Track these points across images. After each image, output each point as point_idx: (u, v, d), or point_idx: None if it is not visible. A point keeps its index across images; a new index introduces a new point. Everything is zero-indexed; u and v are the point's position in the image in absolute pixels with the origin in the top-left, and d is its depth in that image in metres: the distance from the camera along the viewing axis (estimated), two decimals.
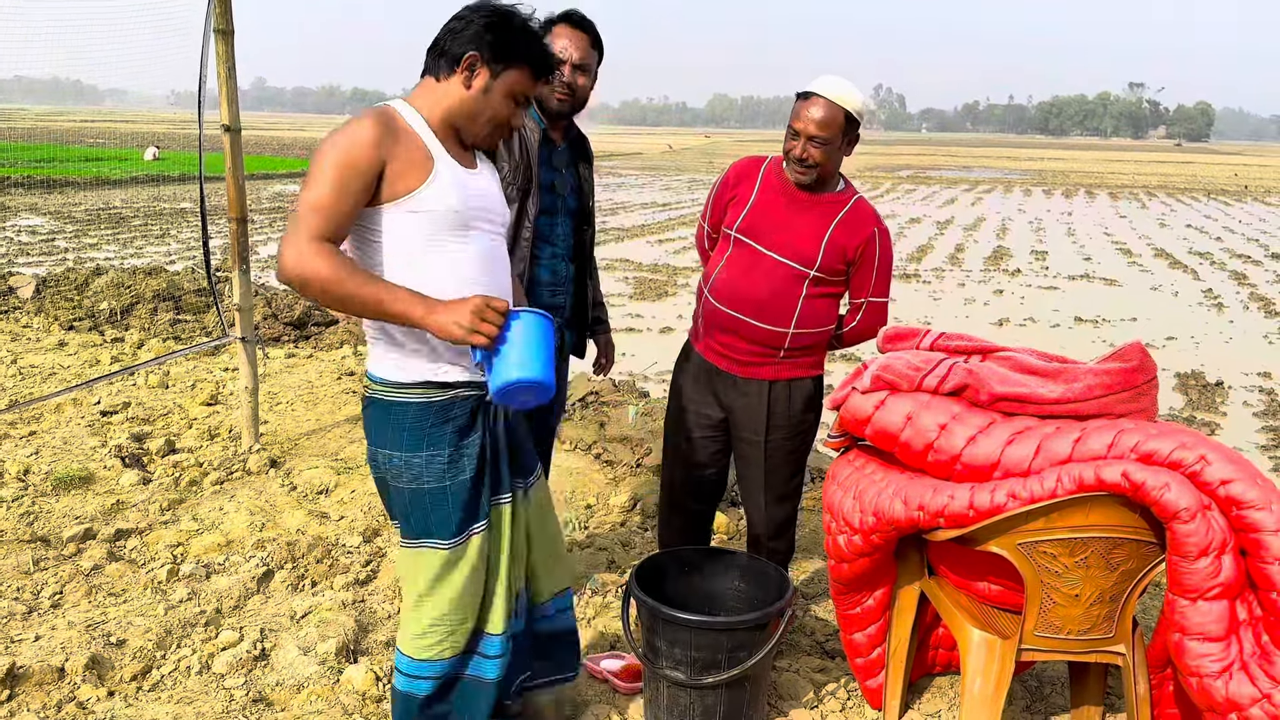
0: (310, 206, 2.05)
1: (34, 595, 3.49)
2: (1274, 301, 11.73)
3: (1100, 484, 2.21)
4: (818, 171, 2.88)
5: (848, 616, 2.86)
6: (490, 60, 2.19)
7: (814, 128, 2.81)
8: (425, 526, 2.29)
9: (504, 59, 2.20)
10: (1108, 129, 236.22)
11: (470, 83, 2.20)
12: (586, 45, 2.95)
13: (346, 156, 2.06)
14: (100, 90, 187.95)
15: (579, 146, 3.22)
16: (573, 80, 2.96)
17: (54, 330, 7.46)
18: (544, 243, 3.08)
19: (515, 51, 2.21)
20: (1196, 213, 24.64)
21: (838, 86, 2.83)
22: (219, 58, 4.50)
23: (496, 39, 2.18)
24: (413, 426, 2.24)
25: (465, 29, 2.18)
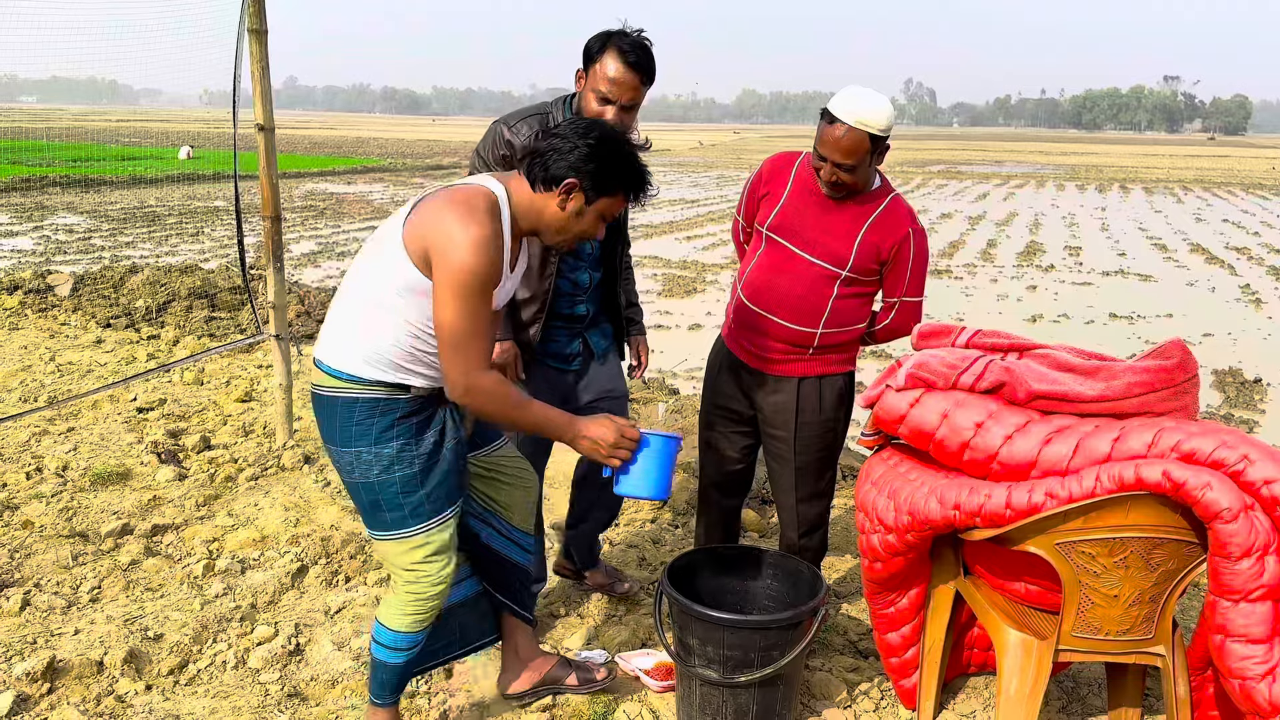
0: (469, 334, 2.21)
1: (73, 590, 3.54)
2: None
3: (1140, 483, 2.18)
4: (848, 189, 2.86)
5: (882, 616, 2.84)
6: (588, 188, 2.28)
7: (839, 155, 2.76)
8: (399, 516, 2.39)
9: (602, 189, 2.29)
10: (1142, 123, 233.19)
11: (565, 205, 2.30)
12: (638, 83, 2.87)
13: (486, 283, 2.20)
14: (135, 90, 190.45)
15: None
16: (618, 120, 2.90)
17: (91, 328, 7.56)
18: (568, 254, 3.08)
19: (614, 183, 2.30)
20: (1234, 207, 24.28)
21: (859, 108, 2.71)
22: (253, 57, 4.53)
23: (598, 169, 2.26)
24: (381, 416, 2.33)
25: (569, 152, 2.26)
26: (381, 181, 26.79)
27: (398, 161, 34.48)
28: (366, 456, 2.34)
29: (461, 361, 2.21)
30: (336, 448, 2.38)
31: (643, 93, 2.92)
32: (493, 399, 2.27)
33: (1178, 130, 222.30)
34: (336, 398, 2.34)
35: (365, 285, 2.32)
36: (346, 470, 2.39)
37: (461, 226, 2.16)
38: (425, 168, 32.72)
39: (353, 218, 17.71)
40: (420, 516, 2.40)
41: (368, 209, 19.37)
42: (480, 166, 3.01)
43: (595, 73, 2.88)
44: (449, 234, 2.16)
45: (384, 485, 2.36)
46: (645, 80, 2.89)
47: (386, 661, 2.55)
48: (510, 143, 2.95)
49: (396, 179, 27.97)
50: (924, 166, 40.55)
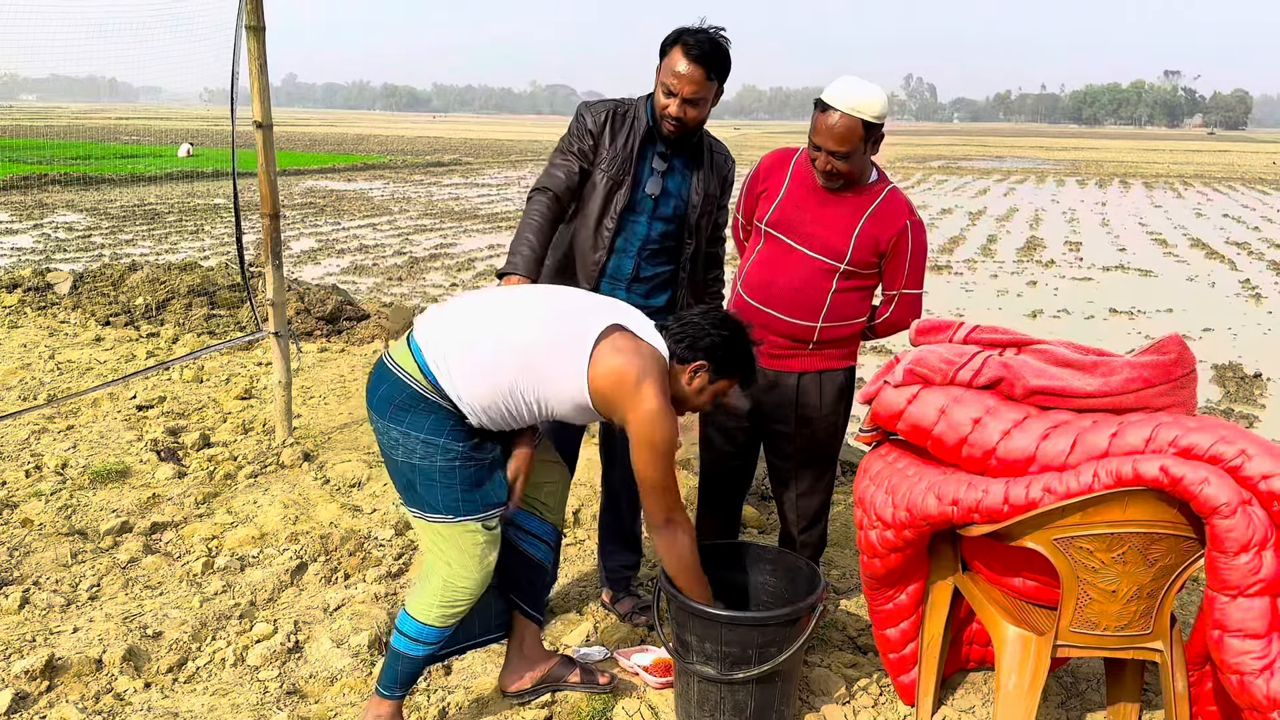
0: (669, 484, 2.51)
1: (72, 588, 3.54)
2: None
3: (1138, 478, 2.18)
4: (844, 179, 2.86)
5: (880, 612, 2.84)
6: (713, 371, 2.56)
7: (833, 143, 2.77)
8: (434, 501, 2.47)
9: (724, 374, 2.58)
10: (1142, 118, 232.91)
11: (692, 381, 2.56)
12: (702, 77, 2.90)
13: (674, 446, 2.46)
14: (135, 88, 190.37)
15: (698, 156, 3.16)
16: (681, 114, 2.95)
17: (90, 325, 7.56)
18: (620, 237, 3.12)
19: (734, 370, 2.59)
20: (1234, 202, 24.25)
21: (853, 95, 2.75)
22: (250, 54, 4.53)
23: (724, 357, 2.56)
24: (439, 416, 2.43)
25: (706, 340, 2.55)
26: (382, 179, 26.79)
27: (398, 159, 34.47)
28: (413, 440, 2.43)
29: (665, 503, 2.51)
30: (385, 421, 2.45)
31: (710, 88, 2.94)
32: (683, 547, 2.57)
33: (1178, 125, 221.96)
34: (410, 386, 2.42)
35: (522, 347, 2.42)
36: (390, 446, 2.47)
37: (656, 400, 2.40)
38: (426, 165, 32.70)
39: (353, 215, 17.71)
40: (455, 510, 2.47)
41: (368, 206, 19.36)
42: (565, 157, 3.11)
43: (664, 67, 2.96)
44: (645, 404, 2.39)
45: (424, 471, 2.44)
46: (711, 75, 2.91)
47: (406, 653, 2.59)
48: (590, 131, 3.07)
49: (397, 176, 27.97)
50: (924, 162, 40.50)
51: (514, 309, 2.50)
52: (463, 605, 2.57)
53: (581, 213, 3.15)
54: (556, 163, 3.14)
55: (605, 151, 3.07)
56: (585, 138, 3.09)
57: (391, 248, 13.71)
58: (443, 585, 2.54)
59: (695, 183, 3.12)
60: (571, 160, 3.11)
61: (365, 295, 9.86)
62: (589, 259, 3.12)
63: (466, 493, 2.46)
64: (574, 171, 3.10)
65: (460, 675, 3.08)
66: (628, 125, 3.07)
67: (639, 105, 3.11)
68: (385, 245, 13.93)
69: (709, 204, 3.16)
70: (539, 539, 2.81)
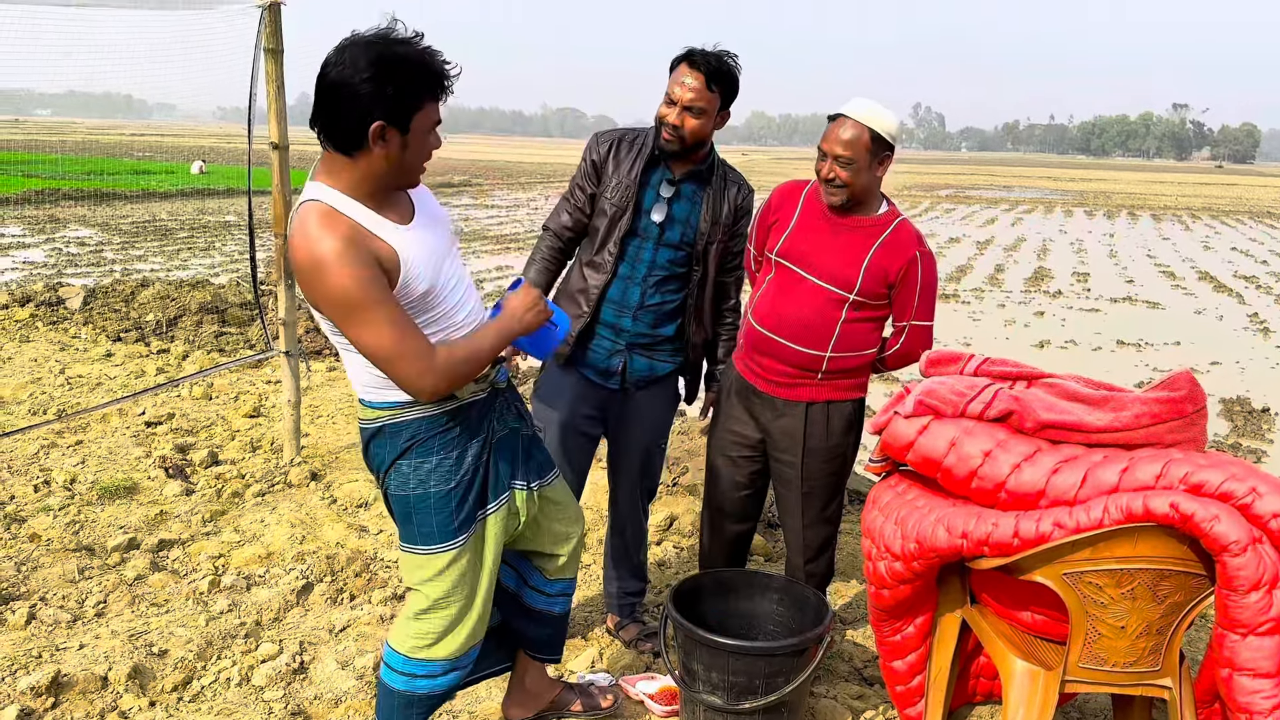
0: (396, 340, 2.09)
1: (79, 604, 3.54)
2: None
3: (1148, 514, 2.18)
4: (847, 192, 2.87)
5: (887, 643, 2.83)
6: (397, 121, 2.07)
7: (839, 147, 2.81)
8: (429, 530, 2.37)
9: (410, 110, 2.08)
10: (1150, 150, 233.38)
11: (387, 151, 2.10)
12: (701, 86, 2.92)
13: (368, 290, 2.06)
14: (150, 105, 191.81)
15: (709, 183, 3.15)
16: (680, 122, 2.96)
17: (101, 341, 7.59)
18: (624, 263, 3.13)
19: (417, 96, 2.08)
20: (1242, 235, 24.26)
21: (864, 107, 2.83)
22: (268, 77, 4.57)
23: (395, 92, 2.03)
24: (424, 435, 2.32)
25: (355, 96, 2.02)
26: None
27: None
28: (405, 470, 2.34)
29: (410, 369, 2.12)
30: (379, 472, 2.38)
31: (710, 99, 2.96)
32: (460, 372, 2.19)
33: (1186, 158, 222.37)
34: (381, 426, 2.33)
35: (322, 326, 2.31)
36: (386, 485, 2.39)
37: (307, 257, 2.05)
38: (436, 185, 32.85)
39: None
40: (448, 534, 2.37)
41: None
42: (572, 197, 3.18)
43: (669, 81, 3.01)
44: (303, 271, 2.07)
45: (419, 500, 2.34)
46: (711, 85, 2.94)
47: (386, 684, 2.50)
48: (594, 163, 3.12)
49: None
50: (932, 191, 40.60)
51: None
52: (445, 632, 2.45)
53: (588, 240, 3.18)
54: (562, 202, 3.22)
55: (610, 179, 3.10)
56: (589, 175, 3.14)
57: None
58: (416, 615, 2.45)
59: (704, 210, 3.14)
60: (575, 200, 3.17)
61: None
62: (591, 283, 3.13)
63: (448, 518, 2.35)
64: (575, 210, 3.17)
65: (464, 700, 3.07)
66: (634, 152, 3.10)
67: (648, 133, 3.14)
68: None
69: (718, 232, 3.17)
70: (541, 593, 2.71)
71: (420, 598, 2.44)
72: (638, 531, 3.45)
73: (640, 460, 3.34)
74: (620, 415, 3.27)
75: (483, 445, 2.40)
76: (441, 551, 2.38)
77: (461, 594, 2.43)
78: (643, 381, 3.23)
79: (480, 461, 2.39)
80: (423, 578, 2.42)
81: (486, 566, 2.47)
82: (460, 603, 2.43)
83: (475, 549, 2.44)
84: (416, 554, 2.41)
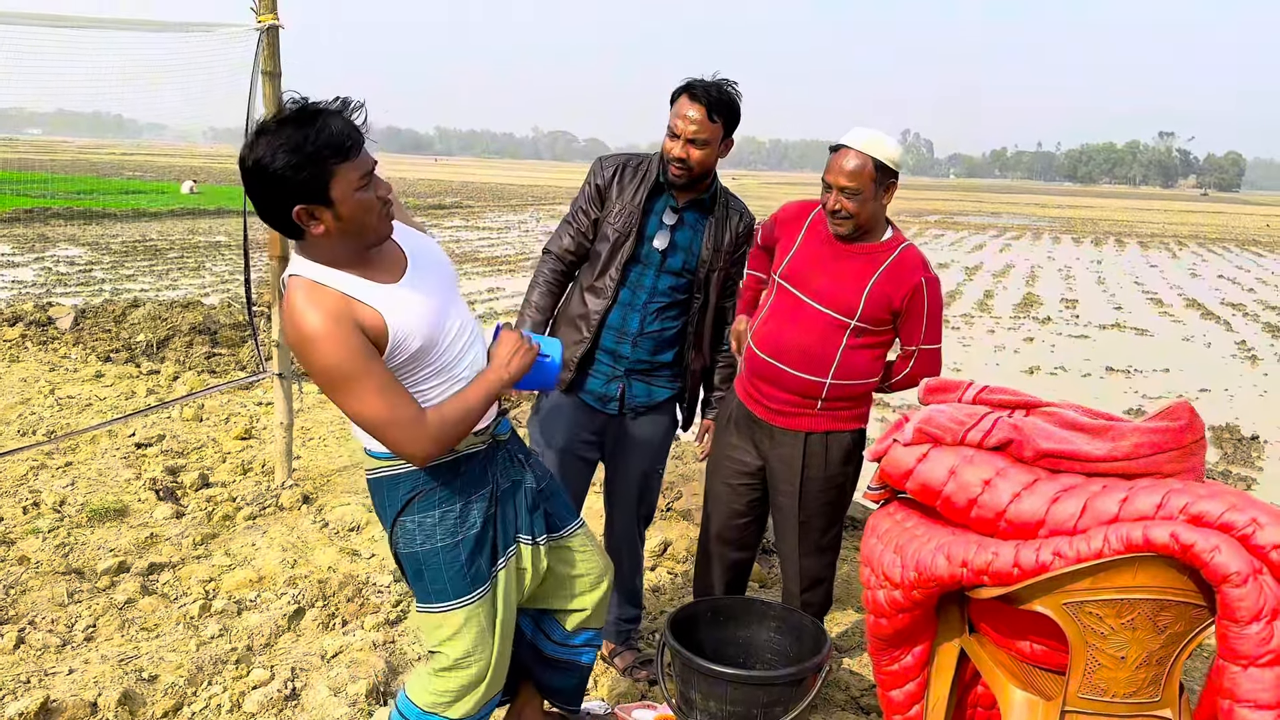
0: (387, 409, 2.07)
1: (68, 628, 3.51)
2: None
3: (1149, 544, 2.17)
4: (853, 223, 2.88)
5: (885, 673, 2.81)
6: (313, 198, 1.99)
7: (843, 179, 2.82)
8: (441, 586, 2.33)
9: (321, 185, 1.98)
10: (1137, 177, 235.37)
11: (324, 226, 2.04)
12: (703, 118, 2.93)
13: (356, 363, 2.04)
14: (140, 125, 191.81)
15: (710, 210, 3.16)
16: (685, 155, 2.97)
17: (91, 361, 7.56)
18: (625, 289, 3.13)
19: (319, 170, 1.97)
20: (1229, 263, 24.45)
21: (866, 136, 2.84)
22: (265, 99, 4.58)
23: (295, 177, 1.96)
24: (425, 487, 2.29)
25: (264, 192, 2.00)
26: None
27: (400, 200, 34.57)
28: (410, 526, 2.30)
29: (401, 435, 2.11)
30: (385, 527, 2.36)
31: (713, 130, 2.97)
32: (452, 434, 2.17)
33: (1172, 185, 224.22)
34: (381, 477, 2.31)
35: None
36: (394, 544, 2.35)
37: (294, 334, 2.05)
38: (427, 207, 32.88)
39: None
40: (461, 589, 2.32)
41: None
42: (574, 219, 3.17)
43: (671, 113, 3.01)
44: (294, 347, 2.08)
45: (427, 556, 2.30)
46: (714, 116, 2.95)
47: None
48: (598, 187, 3.12)
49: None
50: (920, 216, 40.84)
51: None
52: (464, 690, 2.41)
53: (589, 265, 3.19)
54: (564, 225, 3.22)
55: (613, 205, 3.11)
56: (593, 199, 3.15)
57: None
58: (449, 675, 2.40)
59: (706, 237, 3.15)
60: (577, 223, 3.18)
61: None
62: (591, 309, 3.13)
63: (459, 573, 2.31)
64: (578, 234, 3.18)
65: None
66: (638, 178, 3.11)
67: (652, 160, 3.15)
68: None
69: (719, 260, 3.18)
70: (564, 645, 2.65)
71: (441, 657, 2.40)
72: (634, 558, 3.44)
73: (638, 486, 3.33)
74: (618, 441, 3.26)
75: (488, 499, 2.37)
76: (457, 608, 2.34)
77: (483, 654, 2.38)
78: (641, 407, 3.22)
79: (488, 515, 2.36)
80: (442, 637, 2.37)
81: (500, 624, 2.42)
82: (481, 663, 2.39)
83: (489, 605, 2.39)
84: (433, 613, 2.37)
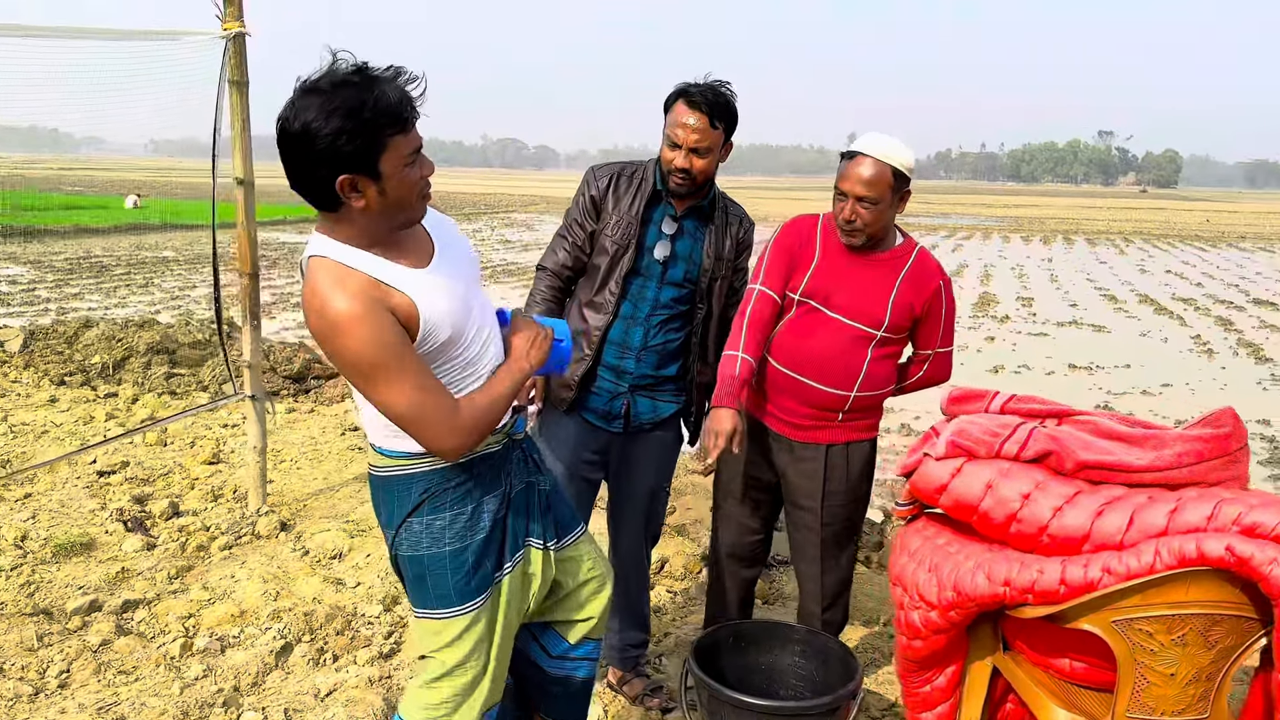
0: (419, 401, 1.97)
1: (40, 674, 3.29)
2: (1262, 348, 11.80)
3: (1202, 558, 2.10)
4: (867, 233, 2.79)
5: (916, 695, 2.71)
6: (363, 169, 1.88)
7: (861, 188, 2.72)
8: (444, 592, 2.19)
9: (374, 155, 1.87)
10: (1078, 176, 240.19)
11: (365, 201, 1.93)
12: (705, 125, 2.82)
13: (388, 350, 1.93)
14: (77, 139, 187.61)
15: (710, 217, 3.05)
16: (688, 165, 2.86)
17: (44, 385, 7.24)
18: (626, 302, 3.01)
19: (375, 139, 1.86)
20: (1174, 258, 24.94)
21: (883, 144, 2.74)
22: (233, 109, 4.39)
23: (349, 142, 1.84)
24: (438, 488, 2.16)
25: (310, 157, 1.86)
26: None
27: None
28: (417, 528, 2.16)
29: (436, 430, 1.99)
30: (389, 529, 2.21)
31: (715, 136, 2.86)
32: (483, 426, 2.06)
33: (1113, 183, 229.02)
34: (391, 475, 2.17)
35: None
36: (397, 545, 2.21)
37: (321, 319, 1.91)
38: None
39: None
40: (465, 595, 2.20)
41: None
42: (569, 232, 3.05)
43: (668, 120, 2.89)
44: (319, 333, 1.94)
45: (433, 559, 2.17)
46: (715, 122, 2.84)
47: None
48: (593, 198, 3.00)
49: None
50: None
51: None
52: (459, 700, 2.27)
53: (588, 279, 3.06)
54: (558, 240, 3.09)
55: (610, 216, 2.99)
56: (588, 211, 3.02)
57: None
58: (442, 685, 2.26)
59: (707, 245, 3.04)
60: (573, 237, 3.05)
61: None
62: (592, 324, 3.01)
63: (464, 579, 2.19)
64: (574, 248, 3.05)
65: None
66: (634, 187, 2.99)
67: (646, 167, 3.03)
68: None
69: (722, 267, 3.07)
70: (565, 659, 2.52)
71: (434, 664, 2.26)
72: (641, 579, 3.31)
73: (645, 505, 3.21)
74: (623, 459, 3.14)
75: (500, 501, 2.24)
76: (459, 615, 2.21)
77: (478, 660, 2.25)
78: (647, 424, 3.10)
79: (498, 518, 2.23)
80: (438, 644, 2.24)
81: (500, 630, 2.29)
82: (476, 670, 2.26)
83: (491, 612, 2.27)
84: (432, 619, 2.23)
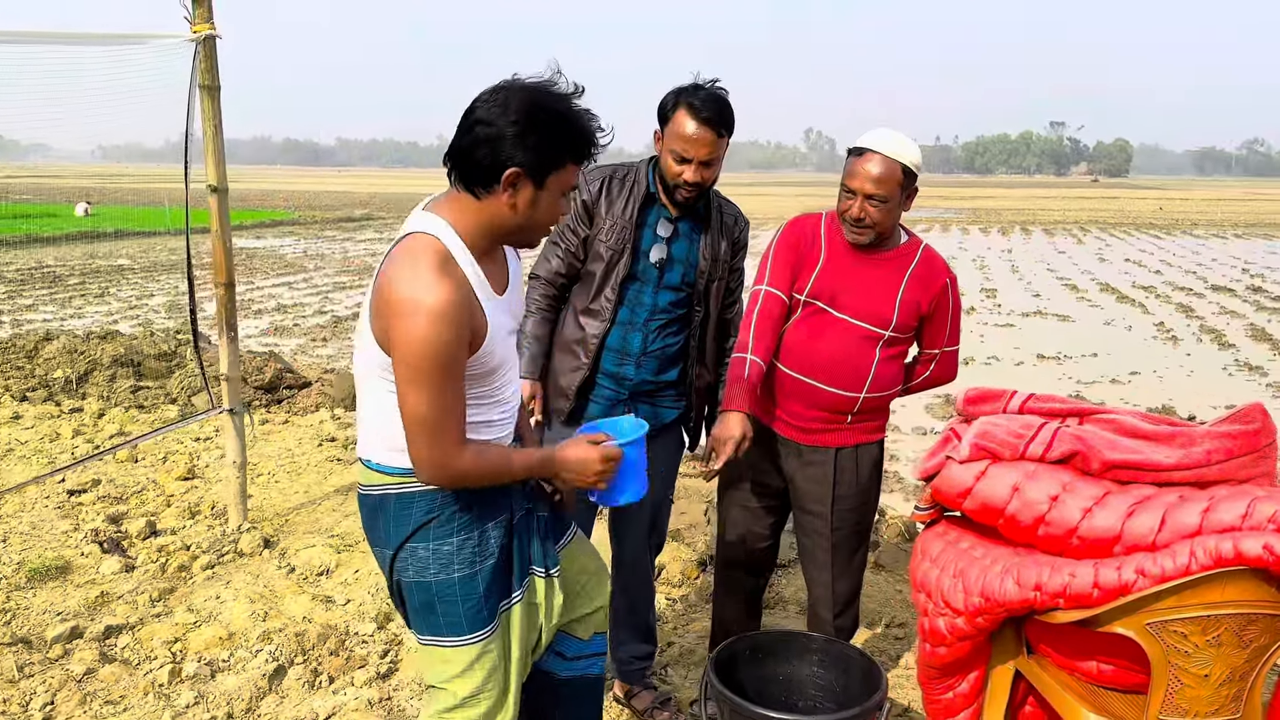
0: (440, 418, 1.92)
1: (22, 707, 3.15)
2: (1224, 334, 11.94)
3: (1240, 558, 2.07)
4: (875, 231, 2.74)
5: (938, 702, 2.67)
6: (534, 173, 1.93)
7: (870, 185, 2.67)
8: (455, 620, 2.10)
9: (549, 166, 1.94)
10: (1031, 167, 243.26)
11: (516, 203, 1.96)
12: (712, 138, 2.75)
13: (451, 358, 1.90)
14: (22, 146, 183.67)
15: (706, 219, 2.98)
16: (700, 178, 2.79)
17: (6, 402, 7.01)
18: (623, 308, 2.93)
19: (560, 154, 1.95)
20: (1131, 247, 25.24)
21: (892, 141, 2.69)
22: (204, 115, 4.25)
23: (539, 143, 1.91)
24: (442, 511, 2.07)
25: (498, 137, 1.90)
26: (292, 235, 26.15)
27: (307, 215, 33.71)
28: (422, 554, 2.07)
29: (435, 449, 1.94)
30: (386, 551, 2.11)
31: (721, 146, 2.79)
32: (472, 477, 2.02)
33: (1065, 173, 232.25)
34: (387, 494, 2.08)
35: (360, 364, 2.08)
36: (399, 571, 2.11)
37: (411, 297, 1.86)
38: (336, 220, 32.09)
39: (265, 273, 17.17)
40: (478, 622, 2.11)
41: (280, 264, 18.81)
42: (561, 240, 2.96)
43: (670, 132, 2.79)
44: (399, 309, 1.87)
45: (443, 587, 2.08)
46: (721, 133, 2.76)
47: None
48: (585, 203, 2.91)
49: (308, 232, 27.34)
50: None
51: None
52: None
53: (583, 285, 2.98)
54: (550, 247, 3.01)
55: (603, 221, 2.91)
56: (581, 217, 2.93)
57: (311, 306, 13.28)
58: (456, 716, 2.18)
59: (703, 247, 2.97)
60: (566, 244, 2.97)
61: (289, 357, 9.44)
62: (589, 332, 2.94)
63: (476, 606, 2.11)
64: (567, 254, 2.97)
65: None
66: (627, 190, 2.91)
67: (639, 169, 2.96)
68: (304, 304, 13.48)
69: (719, 269, 3.01)
70: (566, 658, 2.44)
71: (445, 695, 2.16)
72: (646, 591, 3.24)
73: (649, 515, 3.13)
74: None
75: (505, 528, 2.16)
76: (471, 643, 2.11)
77: (492, 691, 2.16)
78: (649, 431, 3.03)
79: (503, 544, 2.15)
80: (448, 674, 2.14)
81: (515, 658, 2.21)
82: (490, 701, 2.16)
83: (503, 640, 2.18)
84: (442, 647, 2.13)
